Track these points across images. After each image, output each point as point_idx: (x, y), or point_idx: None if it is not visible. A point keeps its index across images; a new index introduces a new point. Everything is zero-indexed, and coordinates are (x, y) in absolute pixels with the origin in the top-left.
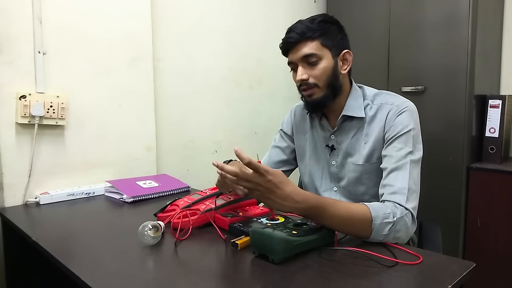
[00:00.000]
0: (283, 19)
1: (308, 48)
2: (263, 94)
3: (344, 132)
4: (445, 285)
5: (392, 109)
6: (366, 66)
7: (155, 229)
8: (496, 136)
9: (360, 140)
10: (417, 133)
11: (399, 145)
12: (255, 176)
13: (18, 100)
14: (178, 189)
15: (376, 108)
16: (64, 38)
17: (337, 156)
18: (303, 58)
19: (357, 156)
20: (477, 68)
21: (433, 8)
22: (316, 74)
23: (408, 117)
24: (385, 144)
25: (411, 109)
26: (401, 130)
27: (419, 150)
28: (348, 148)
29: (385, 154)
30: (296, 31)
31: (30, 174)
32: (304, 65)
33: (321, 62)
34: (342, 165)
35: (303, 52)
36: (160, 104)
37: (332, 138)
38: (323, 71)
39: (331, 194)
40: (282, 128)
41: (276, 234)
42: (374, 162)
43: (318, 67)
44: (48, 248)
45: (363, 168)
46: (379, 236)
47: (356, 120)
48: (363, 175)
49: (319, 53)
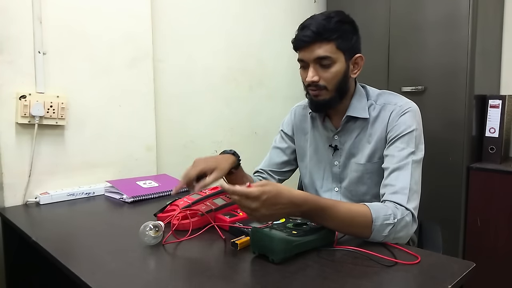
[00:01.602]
0: (282, 19)
1: (323, 50)
2: (263, 94)
3: (347, 132)
4: (445, 285)
5: (395, 109)
6: (366, 66)
7: (156, 229)
8: (496, 136)
9: (363, 141)
10: (420, 134)
11: (401, 145)
12: (250, 203)
13: (18, 100)
14: None
15: (379, 108)
16: (64, 38)
17: (340, 156)
18: (316, 60)
19: (359, 156)
20: (477, 68)
21: (433, 8)
22: (328, 77)
23: (411, 118)
24: (387, 144)
25: (414, 110)
26: (404, 131)
27: (421, 150)
28: (352, 149)
29: (387, 153)
30: (312, 29)
31: (30, 174)
32: (316, 66)
33: (334, 65)
34: (345, 165)
35: (317, 54)
36: (160, 104)
37: (335, 138)
38: (335, 75)
39: (331, 194)
40: (282, 129)
41: (276, 234)
42: (376, 161)
43: (331, 71)
44: (48, 248)
45: (364, 167)
46: (379, 237)
47: (360, 120)
48: (365, 174)
49: (334, 56)
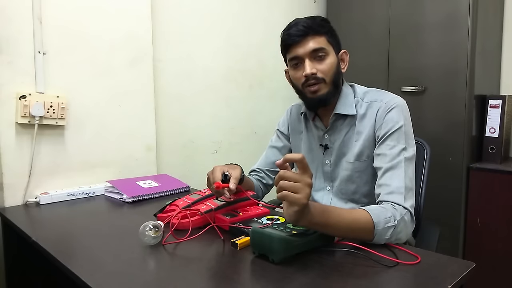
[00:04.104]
0: (283, 19)
1: (317, 42)
2: (263, 94)
3: (336, 130)
4: (445, 285)
5: (382, 106)
6: (366, 66)
7: (155, 229)
8: (496, 136)
9: (352, 139)
10: (409, 129)
11: (391, 142)
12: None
13: (18, 100)
14: (178, 189)
15: (366, 106)
16: (64, 38)
17: (331, 155)
18: (311, 53)
19: (349, 155)
20: (477, 68)
21: (433, 8)
22: (324, 69)
23: (398, 114)
24: (378, 142)
25: (400, 105)
26: (392, 127)
27: (412, 146)
28: (341, 147)
29: (378, 153)
30: (303, 25)
31: (30, 174)
32: (312, 59)
33: (328, 57)
34: (336, 164)
35: (311, 46)
36: (160, 104)
37: (325, 137)
38: (330, 66)
39: (324, 193)
40: (278, 128)
41: (276, 234)
42: (364, 160)
43: (326, 62)
44: (48, 248)
45: (353, 166)
46: (381, 240)
47: (348, 118)
48: (354, 173)
49: (327, 48)
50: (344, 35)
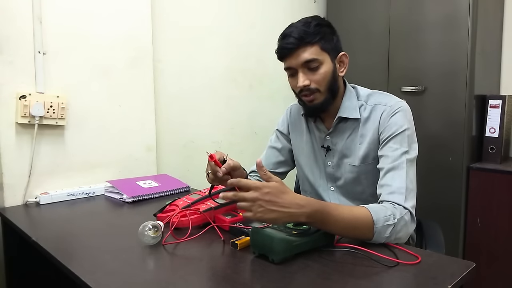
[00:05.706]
0: (283, 19)
1: (309, 53)
2: (263, 94)
3: (339, 133)
4: (445, 285)
5: (386, 110)
6: (366, 66)
7: (155, 229)
8: (496, 136)
9: (355, 141)
10: (412, 133)
11: (394, 145)
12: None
13: (18, 100)
14: (178, 189)
15: (370, 109)
16: (64, 38)
17: (333, 157)
18: (303, 64)
19: (352, 157)
20: (477, 68)
21: (433, 8)
22: (318, 79)
23: (402, 118)
24: (381, 144)
25: (405, 109)
26: (396, 131)
27: (414, 149)
28: (344, 149)
29: (381, 154)
30: (294, 36)
31: (30, 174)
32: (305, 70)
33: (322, 67)
34: (338, 165)
35: (303, 58)
36: (160, 104)
37: (327, 139)
38: (324, 76)
39: (328, 194)
40: (278, 128)
41: (276, 234)
42: (370, 162)
43: (319, 72)
44: (48, 248)
45: (359, 169)
46: (381, 238)
47: (351, 121)
48: (361, 175)
49: (320, 58)
50: (344, 35)
